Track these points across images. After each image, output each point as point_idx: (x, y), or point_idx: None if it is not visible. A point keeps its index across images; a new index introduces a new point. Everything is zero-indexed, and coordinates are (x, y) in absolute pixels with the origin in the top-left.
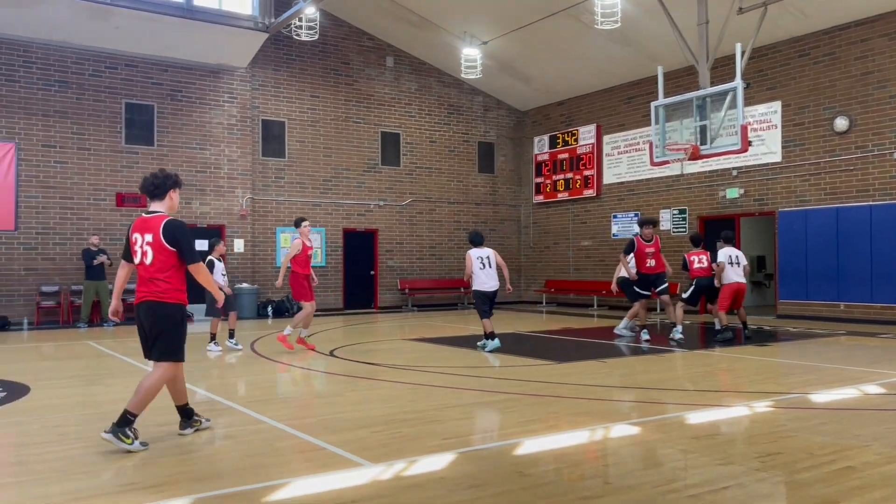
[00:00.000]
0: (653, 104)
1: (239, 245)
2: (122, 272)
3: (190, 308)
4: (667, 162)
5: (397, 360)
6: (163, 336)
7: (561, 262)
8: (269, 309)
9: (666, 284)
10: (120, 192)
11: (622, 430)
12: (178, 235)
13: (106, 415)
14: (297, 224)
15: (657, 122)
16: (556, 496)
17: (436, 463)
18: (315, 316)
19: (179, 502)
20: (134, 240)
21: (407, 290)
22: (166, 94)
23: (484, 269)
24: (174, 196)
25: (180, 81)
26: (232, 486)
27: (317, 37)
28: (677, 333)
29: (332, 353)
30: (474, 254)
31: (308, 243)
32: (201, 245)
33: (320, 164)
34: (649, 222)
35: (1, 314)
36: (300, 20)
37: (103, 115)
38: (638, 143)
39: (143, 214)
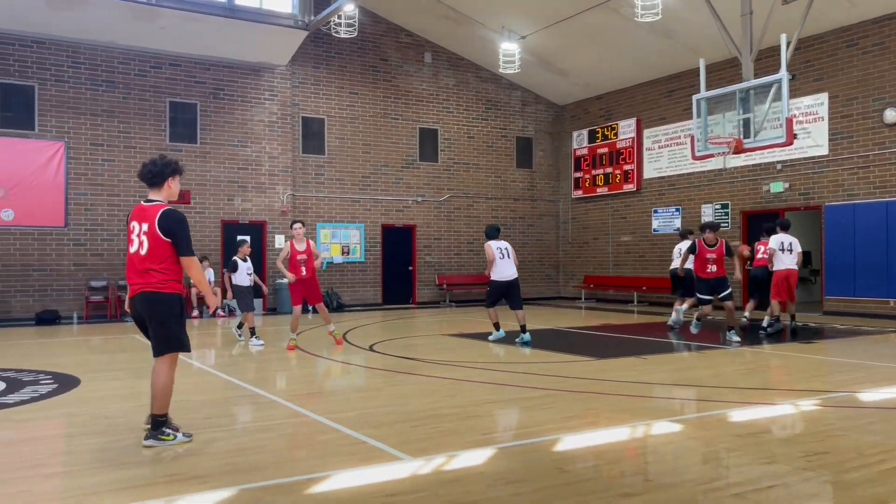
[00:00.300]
0: (694, 97)
1: (280, 241)
2: None
3: (231, 303)
4: (709, 156)
5: (436, 356)
6: (162, 328)
7: (600, 257)
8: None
9: (729, 290)
10: None
11: (663, 426)
12: (174, 226)
13: None
14: (291, 226)
15: (699, 116)
16: (596, 493)
17: (475, 458)
18: (353, 311)
19: (224, 493)
20: (131, 228)
21: (445, 286)
22: (209, 93)
23: (503, 258)
24: (173, 184)
25: (222, 80)
26: (274, 477)
27: (356, 34)
28: (734, 336)
29: (371, 348)
30: (493, 245)
31: (299, 247)
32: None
33: (359, 160)
34: (709, 226)
35: (51, 308)
36: (339, 17)
37: (148, 113)
38: (679, 137)
39: (143, 202)
